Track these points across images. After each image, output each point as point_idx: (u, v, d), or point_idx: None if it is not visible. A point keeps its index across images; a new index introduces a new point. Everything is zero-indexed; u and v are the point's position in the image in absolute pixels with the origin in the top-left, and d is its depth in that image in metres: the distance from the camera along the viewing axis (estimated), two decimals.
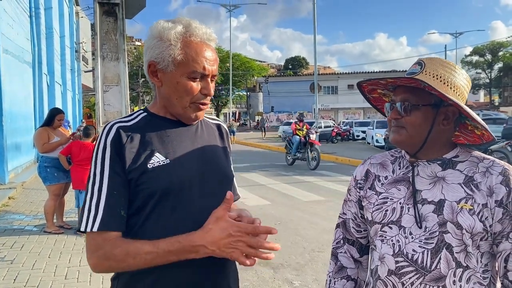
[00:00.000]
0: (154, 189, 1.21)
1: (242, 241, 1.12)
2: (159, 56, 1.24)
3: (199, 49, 1.25)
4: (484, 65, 55.10)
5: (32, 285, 4.04)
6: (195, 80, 1.25)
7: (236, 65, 47.87)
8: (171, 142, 1.29)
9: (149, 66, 1.28)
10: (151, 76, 1.29)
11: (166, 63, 1.24)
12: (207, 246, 1.12)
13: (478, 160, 1.28)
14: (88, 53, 28.38)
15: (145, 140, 1.26)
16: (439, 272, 1.21)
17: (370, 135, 22.62)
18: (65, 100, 19.93)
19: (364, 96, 1.47)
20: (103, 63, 5.55)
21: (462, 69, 1.30)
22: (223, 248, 1.12)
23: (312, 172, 12.69)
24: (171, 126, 1.32)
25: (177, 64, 1.24)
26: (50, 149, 5.82)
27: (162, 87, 1.29)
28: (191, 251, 1.13)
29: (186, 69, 1.24)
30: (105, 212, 1.17)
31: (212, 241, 1.12)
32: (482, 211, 1.20)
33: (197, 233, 1.14)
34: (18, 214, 6.95)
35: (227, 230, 1.12)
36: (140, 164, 1.22)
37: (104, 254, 1.16)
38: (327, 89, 47.05)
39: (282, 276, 4.49)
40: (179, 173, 1.25)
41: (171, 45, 1.23)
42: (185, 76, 1.24)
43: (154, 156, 1.24)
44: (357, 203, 1.45)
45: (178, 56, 1.23)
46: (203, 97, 1.29)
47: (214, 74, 1.29)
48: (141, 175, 1.21)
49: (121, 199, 1.20)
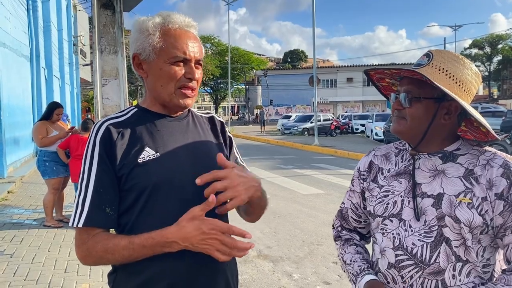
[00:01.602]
0: (145, 183, 1.23)
1: (216, 239, 1.14)
2: (140, 47, 1.28)
3: (177, 35, 1.27)
4: (483, 58, 55.03)
5: (32, 278, 4.05)
6: (178, 65, 1.27)
7: (235, 58, 47.73)
8: (162, 136, 1.30)
9: (133, 59, 1.31)
10: (136, 68, 1.32)
11: (148, 53, 1.27)
12: (179, 242, 1.15)
13: (479, 152, 1.27)
14: (86, 47, 28.22)
15: (135, 135, 1.27)
16: (438, 266, 1.21)
17: (369, 128, 22.62)
18: (63, 94, 19.86)
19: (373, 84, 1.46)
20: (101, 56, 5.51)
21: (472, 64, 1.28)
22: (196, 244, 1.14)
23: (311, 165, 12.71)
24: (162, 121, 1.32)
25: (158, 52, 1.26)
26: (48, 143, 5.81)
27: (148, 78, 1.31)
28: (165, 246, 1.16)
29: (167, 55, 1.26)
30: (90, 209, 1.20)
31: (185, 237, 1.14)
32: (481, 205, 1.20)
33: (170, 229, 1.16)
34: (18, 208, 6.95)
35: (200, 228, 1.14)
36: (130, 159, 1.23)
37: (87, 249, 1.20)
38: (326, 82, 46.94)
39: (281, 269, 4.51)
40: (169, 167, 1.26)
41: (149, 35, 1.26)
42: (167, 62, 1.26)
43: (144, 150, 1.25)
44: (361, 194, 1.46)
45: (157, 44, 1.26)
46: (187, 81, 1.29)
47: (198, 59, 1.30)
48: (131, 170, 1.23)
49: (107, 196, 1.22)
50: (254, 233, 5.67)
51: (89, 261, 1.23)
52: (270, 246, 5.28)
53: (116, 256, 1.18)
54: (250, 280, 4.23)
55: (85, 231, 1.21)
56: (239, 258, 1.27)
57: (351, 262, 1.43)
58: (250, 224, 1.39)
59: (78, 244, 1.22)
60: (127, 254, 1.17)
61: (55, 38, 18.48)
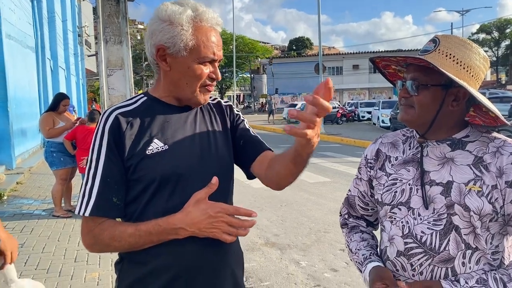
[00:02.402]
0: (153, 175, 1.22)
1: (223, 221, 1.15)
2: (169, 41, 1.22)
3: (209, 34, 1.25)
4: (491, 43, 54.34)
5: (42, 268, 4.10)
6: (205, 64, 1.26)
7: (239, 47, 47.48)
8: (170, 128, 1.29)
9: (158, 50, 1.25)
10: (159, 60, 1.27)
11: (178, 49, 1.23)
12: (186, 228, 1.16)
13: (488, 139, 1.26)
14: (90, 37, 28.19)
15: (144, 126, 1.26)
16: (447, 254, 1.21)
17: (376, 116, 22.50)
18: (69, 85, 19.89)
19: (380, 71, 1.44)
20: (106, 46, 5.51)
21: (480, 48, 1.25)
22: (203, 229, 1.16)
23: (317, 153, 12.69)
24: (171, 112, 1.31)
25: (189, 50, 1.23)
26: (55, 134, 5.84)
27: (170, 72, 1.27)
28: (171, 233, 1.17)
29: (198, 55, 1.23)
30: (97, 199, 1.20)
31: (192, 223, 1.15)
32: (491, 193, 1.19)
33: (177, 216, 1.17)
34: (27, 198, 7.02)
35: (207, 211, 1.15)
36: (139, 151, 1.23)
37: (94, 237, 1.21)
38: (331, 69, 46.59)
39: (289, 257, 4.53)
40: (178, 159, 1.25)
41: (182, 30, 1.21)
42: (196, 61, 1.24)
43: (153, 142, 1.25)
44: (368, 182, 1.45)
45: (190, 42, 1.22)
46: (210, 81, 1.29)
47: (221, 59, 1.31)
48: (140, 162, 1.22)
49: (115, 186, 1.22)
50: (262, 222, 5.70)
51: (96, 248, 1.24)
52: (278, 234, 5.31)
53: (123, 243, 1.19)
54: (258, 267, 4.26)
55: (92, 220, 1.21)
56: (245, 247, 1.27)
57: (356, 251, 1.44)
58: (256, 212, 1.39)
59: (84, 232, 1.23)
60: (133, 241, 1.18)
61: (60, 29, 18.46)
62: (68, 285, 3.72)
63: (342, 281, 3.90)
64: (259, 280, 3.98)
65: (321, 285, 3.84)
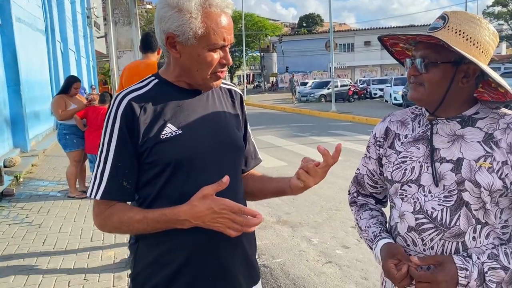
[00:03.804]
0: (168, 159, 1.24)
1: (227, 218, 1.16)
2: (178, 29, 1.21)
3: (219, 20, 1.22)
4: (507, 16, 52.87)
5: (60, 247, 4.21)
6: (215, 51, 1.24)
7: (248, 25, 46.96)
8: (183, 112, 1.29)
9: (167, 38, 1.23)
10: (168, 47, 1.25)
11: (187, 37, 1.21)
12: (191, 220, 1.17)
13: (499, 116, 1.25)
14: (99, 19, 28.10)
15: (157, 110, 1.26)
16: (458, 229, 1.22)
17: (388, 93, 22.25)
18: (79, 67, 19.98)
19: (387, 50, 1.43)
20: (115, 28, 5.51)
21: (489, 24, 1.24)
22: (208, 222, 1.17)
23: (329, 132, 12.65)
24: (184, 96, 1.31)
25: (199, 37, 1.21)
26: (67, 116, 5.90)
27: (180, 59, 1.26)
28: (177, 223, 1.19)
29: (208, 42, 1.22)
30: (108, 182, 1.23)
31: (196, 216, 1.16)
32: (501, 169, 1.19)
33: (182, 208, 1.18)
34: (42, 180, 7.16)
35: (211, 207, 1.15)
36: (153, 135, 1.24)
37: (104, 219, 1.26)
38: (343, 46, 45.91)
39: (300, 234, 4.58)
40: (192, 144, 1.26)
41: (191, 18, 1.19)
42: (206, 48, 1.23)
43: (166, 126, 1.25)
44: (377, 160, 1.45)
45: (199, 30, 1.20)
46: (222, 67, 1.28)
47: (232, 42, 1.29)
48: (154, 146, 1.23)
49: (125, 170, 1.24)
50: (273, 200, 5.74)
51: (106, 229, 1.29)
52: (289, 212, 5.36)
53: (131, 228, 1.24)
54: (270, 245, 4.32)
55: (103, 203, 1.25)
56: None
57: (366, 228, 1.45)
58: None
59: (95, 214, 1.27)
60: (141, 227, 1.22)
61: (69, 11, 18.44)
62: (85, 263, 3.83)
63: (353, 257, 3.95)
64: (272, 257, 4.05)
65: (332, 261, 3.89)
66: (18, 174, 7.10)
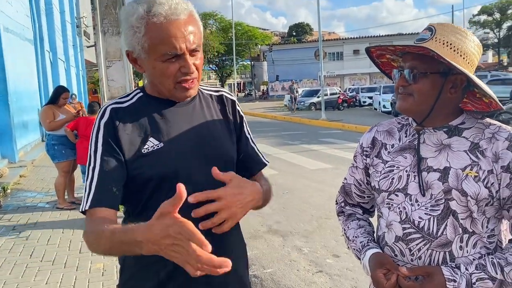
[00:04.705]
0: (149, 174, 1.21)
1: (183, 248, 0.90)
2: (130, 45, 1.21)
3: (164, 28, 1.15)
4: (492, 24, 53.77)
5: (48, 259, 4.15)
6: (170, 61, 1.18)
7: (239, 34, 47.12)
8: (166, 124, 1.26)
9: (128, 55, 1.25)
10: (133, 63, 1.26)
11: (138, 51, 1.20)
12: (147, 244, 0.96)
13: (484, 126, 1.27)
14: (89, 28, 27.98)
15: (139, 123, 1.24)
16: (445, 238, 1.23)
17: (377, 101, 22.42)
18: (69, 77, 19.84)
19: (372, 61, 1.45)
20: (104, 38, 5.49)
21: (474, 35, 1.27)
22: (164, 250, 0.94)
23: (318, 140, 12.70)
24: (167, 107, 1.28)
25: (147, 51, 1.18)
26: (56, 127, 5.86)
27: (145, 73, 1.26)
28: (136, 246, 0.99)
29: (157, 54, 1.17)
30: (96, 190, 1.17)
31: (153, 239, 0.94)
32: (487, 178, 1.20)
33: (141, 228, 0.98)
34: (30, 191, 7.07)
35: (167, 229, 0.91)
36: (135, 149, 1.21)
37: (86, 233, 1.17)
38: (332, 55, 46.24)
39: (291, 243, 4.57)
40: (174, 158, 1.23)
41: (136, 33, 1.17)
42: (159, 60, 1.18)
43: (148, 140, 1.23)
44: (364, 170, 1.46)
45: (145, 43, 1.17)
46: (183, 75, 1.21)
47: (192, 49, 1.20)
48: (136, 160, 1.21)
49: (113, 175, 1.18)
50: (264, 209, 5.70)
51: (87, 246, 1.17)
52: (280, 221, 5.34)
53: (101, 247, 1.11)
54: (260, 255, 4.30)
55: (90, 214, 1.18)
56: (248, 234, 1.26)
57: (354, 238, 1.45)
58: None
59: (84, 230, 1.19)
60: (108, 246, 1.08)
61: (58, 20, 18.36)
62: (74, 276, 3.77)
63: (344, 266, 3.94)
64: (262, 267, 4.03)
65: (323, 271, 3.88)
66: (6, 185, 7.00)
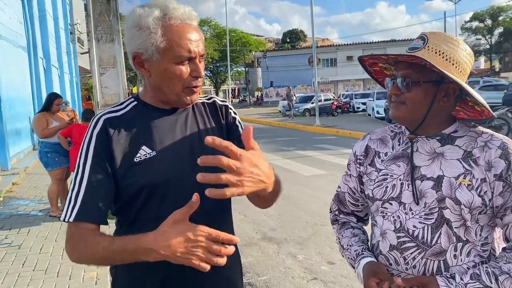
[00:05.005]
0: (142, 183, 1.20)
1: (202, 247, 0.99)
2: (141, 47, 1.20)
3: (181, 31, 1.19)
4: (484, 30, 54.34)
5: (40, 268, 4.10)
6: (183, 64, 1.21)
7: (233, 41, 47.26)
8: (159, 133, 1.26)
9: (134, 58, 1.24)
10: (137, 67, 1.25)
11: (150, 53, 1.20)
12: (158, 250, 1.00)
13: (476, 134, 1.28)
14: (83, 35, 27.97)
15: (132, 132, 1.24)
16: (439, 247, 1.23)
17: (371, 107, 22.52)
18: (62, 84, 19.77)
19: (365, 70, 1.46)
20: (98, 45, 5.48)
21: (465, 44, 1.28)
22: (179, 254, 0.99)
23: (313, 146, 12.72)
24: (160, 116, 1.28)
25: (162, 52, 1.19)
26: (49, 134, 5.82)
27: (151, 77, 1.25)
28: (142, 254, 1.03)
29: (172, 55, 1.19)
30: (82, 204, 1.16)
31: (166, 245, 0.99)
32: (480, 186, 1.21)
33: (150, 235, 1.02)
34: (23, 199, 7.01)
35: (186, 234, 0.99)
36: (127, 158, 1.21)
37: (72, 244, 1.16)
38: (326, 61, 46.49)
39: (286, 251, 4.56)
40: (166, 166, 1.23)
41: (151, 33, 1.18)
42: (172, 62, 1.20)
43: (141, 149, 1.22)
44: (357, 178, 1.46)
45: (161, 44, 1.18)
46: (194, 80, 1.25)
47: (201, 54, 1.25)
48: (128, 169, 1.20)
49: (101, 191, 1.18)
50: (258, 216, 5.72)
51: (74, 257, 1.16)
52: (274, 228, 5.33)
53: (96, 256, 1.12)
54: (255, 262, 4.28)
55: (75, 226, 1.16)
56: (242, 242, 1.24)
57: (348, 247, 1.45)
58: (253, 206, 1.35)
59: (67, 238, 1.17)
60: (107, 255, 1.10)
61: (51, 27, 18.33)
62: (67, 285, 3.73)
63: (339, 273, 3.93)
64: (257, 275, 4.01)
65: (318, 278, 3.87)
66: None
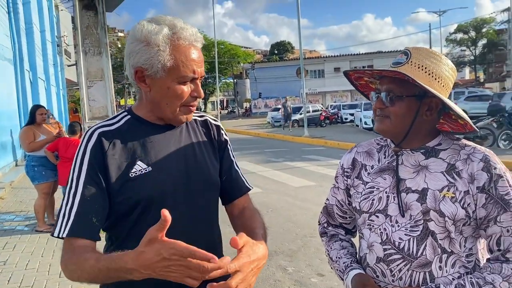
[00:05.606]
0: (137, 198, 1.20)
1: (181, 265, 0.96)
2: (147, 62, 1.20)
3: (188, 52, 1.21)
4: (468, 42, 55.33)
5: (26, 285, 4.03)
6: (185, 84, 1.23)
7: (221, 52, 47.47)
8: (154, 148, 1.26)
9: (136, 72, 1.23)
10: (138, 81, 1.25)
11: (156, 70, 1.20)
12: (140, 270, 0.99)
13: (460, 147, 1.31)
14: (70, 47, 27.88)
15: (127, 146, 1.24)
16: (425, 259, 1.25)
17: (359, 118, 22.72)
18: (49, 96, 19.63)
19: (351, 83, 1.49)
20: (85, 58, 5.47)
21: (448, 59, 1.31)
22: (160, 272, 0.98)
23: (302, 157, 12.76)
24: (155, 131, 1.29)
25: (167, 70, 1.20)
26: (36, 147, 5.76)
27: (150, 92, 1.25)
28: (126, 273, 1.02)
29: (177, 75, 1.21)
30: (75, 219, 1.15)
31: (145, 265, 0.98)
32: (464, 198, 1.23)
33: (130, 255, 1.01)
34: (8, 214, 6.89)
35: (160, 253, 0.96)
36: (122, 173, 1.21)
37: (65, 262, 1.14)
38: (313, 73, 46.92)
39: (275, 263, 4.54)
40: (162, 181, 1.23)
41: (159, 51, 1.18)
42: (176, 81, 1.21)
43: (136, 164, 1.22)
44: (345, 190, 1.48)
45: (168, 62, 1.19)
46: (193, 100, 1.26)
47: (202, 75, 1.27)
48: (123, 184, 1.20)
49: (95, 206, 1.18)
50: None
51: (67, 274, 1.14)
52: None
53: (85, 275, 1.09)
54: None
55: (68, 242, 1.16)
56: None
57: (336, 259, 1.47)
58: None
59: (61, 255, 1.16)
60: (93, 273, 1.08)
61: (38, 39, 18.24)
62: None
63: (328, 285, 3.93)
64: None
65: None
66: None
